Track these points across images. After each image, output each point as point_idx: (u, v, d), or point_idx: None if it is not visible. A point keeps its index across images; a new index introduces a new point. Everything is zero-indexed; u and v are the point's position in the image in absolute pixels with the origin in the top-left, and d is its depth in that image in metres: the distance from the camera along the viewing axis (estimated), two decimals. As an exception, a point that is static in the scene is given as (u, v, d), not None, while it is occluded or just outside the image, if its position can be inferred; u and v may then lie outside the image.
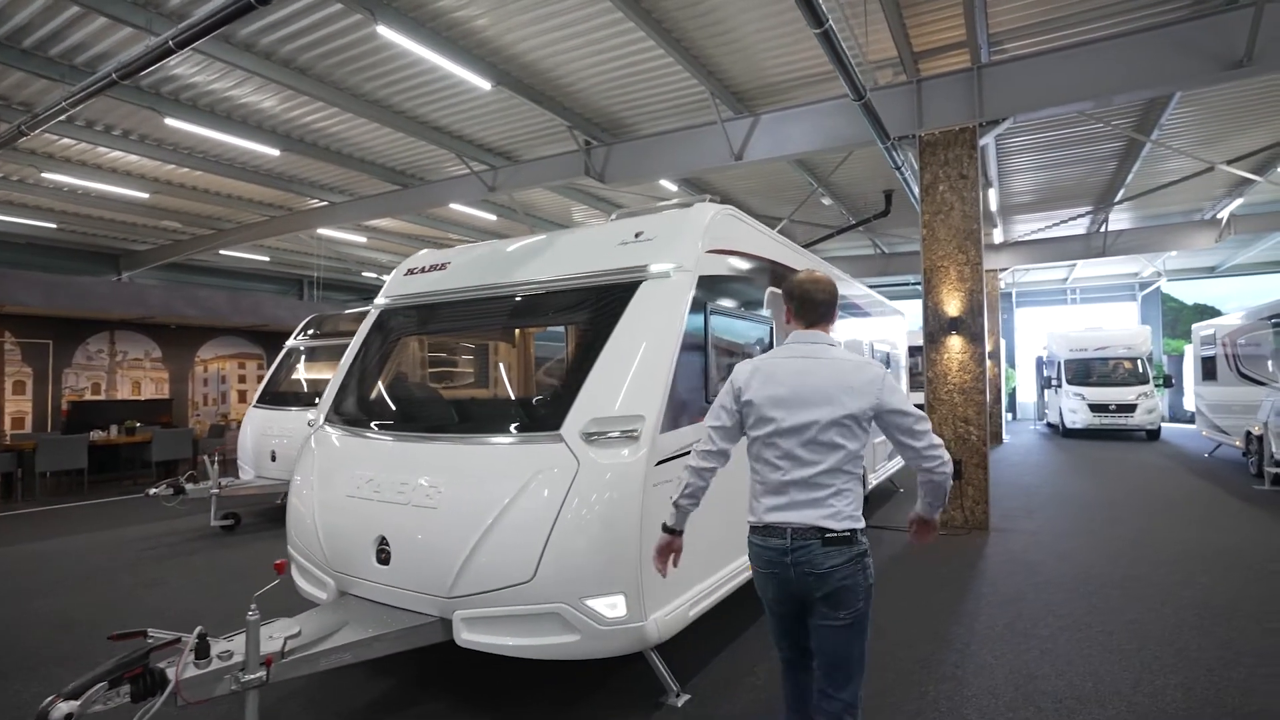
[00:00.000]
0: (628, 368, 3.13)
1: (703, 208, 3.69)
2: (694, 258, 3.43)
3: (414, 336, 4.05)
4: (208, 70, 7.61)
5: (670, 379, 3.12)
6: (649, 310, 3.29)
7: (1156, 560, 5.49)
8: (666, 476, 3.08)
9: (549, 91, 8.18)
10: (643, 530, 2.87)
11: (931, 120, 7.04)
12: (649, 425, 2.96)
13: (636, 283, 3.40)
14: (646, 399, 3.03)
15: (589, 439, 2.96)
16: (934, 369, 7.02)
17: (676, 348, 3.20)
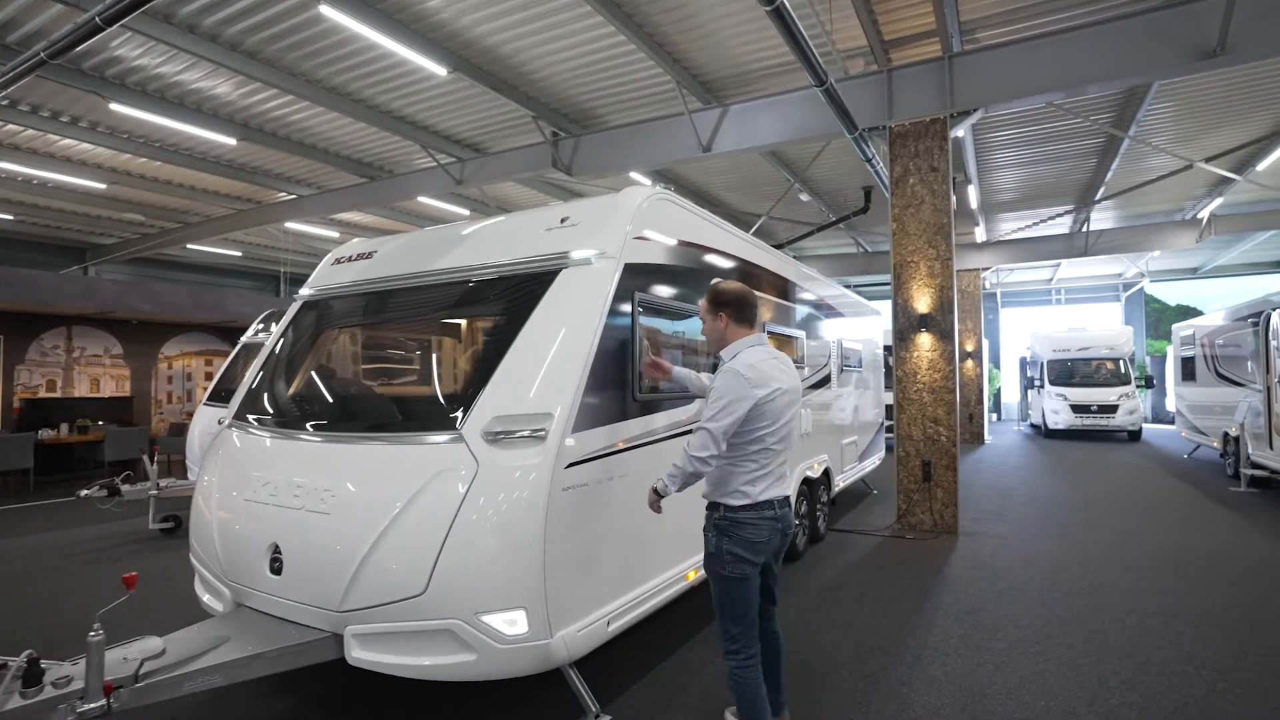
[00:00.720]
0: (539, 362, 2.87)
1: (634, 191, 3.44)
2: (619, 244, 3.17)
3: (331, 330, 3.78)
4: (152, 53, 7.29)
5: (585, 375, 2.86)
6: (567, 300, 3.03)
7: (1126, 566, 5.29)
8: (581, 480, 2.83)
9: (511, 80, 7.91)
10: (548, 539, 2.61)
11: (902, 111, 6.82)
12: (558, 424, 2.71)
13: (556, 270, 3.15)
14: (556, 396, 2.77)
15: (491, 439, 2.70)
16: (903, 368, 6.81)
17: (595, 341, 2.94)
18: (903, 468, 6.74)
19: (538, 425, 2.70)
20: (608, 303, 3.05)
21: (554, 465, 2.66)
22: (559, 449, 2.69)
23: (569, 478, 2.75)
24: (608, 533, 3.02)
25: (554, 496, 2.66)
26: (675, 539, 3.58)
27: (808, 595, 4.66)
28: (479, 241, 3.63)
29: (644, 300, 3.34)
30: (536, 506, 2.60)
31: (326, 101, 8.27)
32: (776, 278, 5.30)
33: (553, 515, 2.65)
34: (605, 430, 3.01)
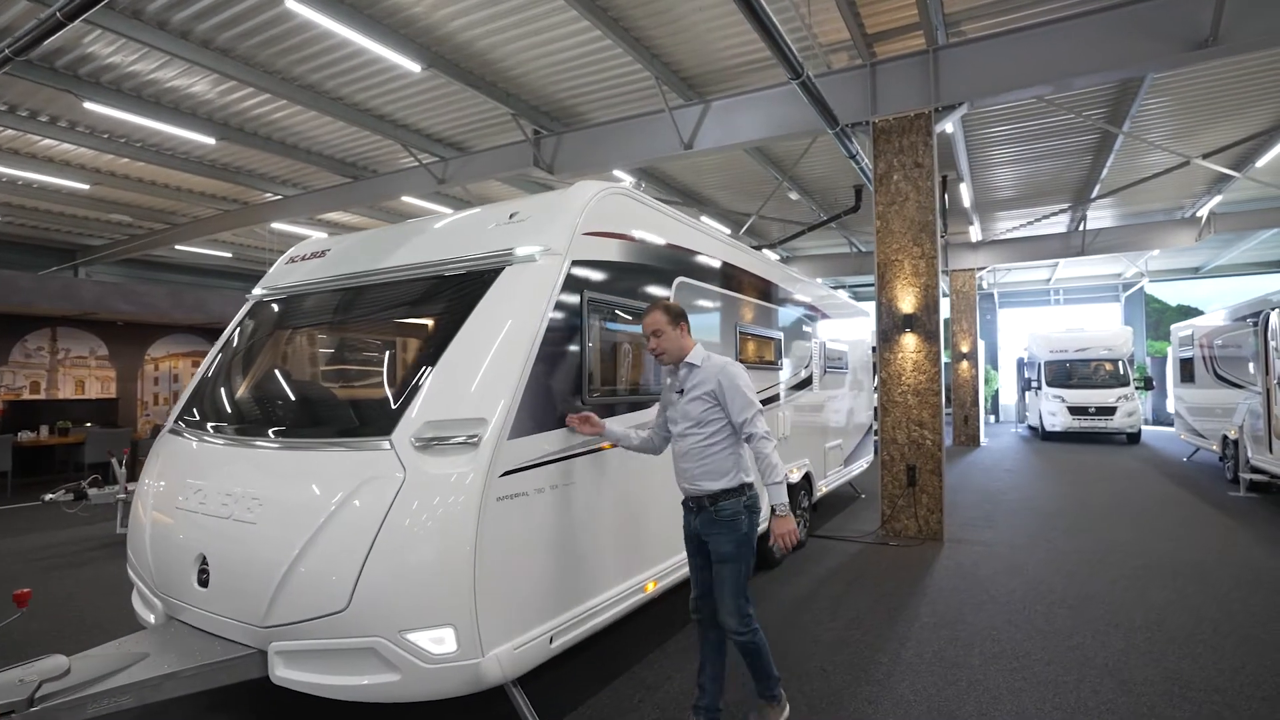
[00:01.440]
0: (476, 365, 2.72)
1: (584, 185, 3.28)
2: (566, 240, 3.02)
3: (276, 331, 3.63)
4: (124, 50, 7.17)
5: (524, 377, 2.71)
6: (508, 299, 2.88)
7: (1115, 575, 5.11)
8: (520, 488, 2.68)
9: (490, 77, 7.77)
10: (479, 552, 2.45)
11: (886, 106, 6.66)
12: (492, 430, 2.55)
13: (500, 268, 3.00)
14: (492, 400, 2.61)
15: (421, 445, 2.55)
16: (887, 369, 6.64)
17: (537, 342, 2.79)
18: (887, 472, 6.57)
19: (470, 431, 2.55)
20: (552, 302, 2.90)
21: (487, 473, 2.51)
22: (493, 456, 2.54)
23: (505, 486, 2.60)
24: (552, 544, 2.87)
25: (487, 506, 2.51)
26: (632, 550, 3.43)
27: (779, 605, 4.50)
28: (428, 239, 3.48)
29: (596, 299, 3.19)
30: (466, 517, 2.44)
31: (304, 100, 8.14)
32: (751, 276, 5.14)
33: (486, 526, 2.49)
34: (550, 436, 2.85)
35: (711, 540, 2.75)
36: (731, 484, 2.75)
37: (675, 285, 3.91)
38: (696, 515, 2.81)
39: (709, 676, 2.83)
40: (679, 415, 2.83)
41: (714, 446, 2.75)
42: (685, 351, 2.84)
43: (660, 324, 2.81)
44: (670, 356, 2.85)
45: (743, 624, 2.70)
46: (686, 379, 2.82)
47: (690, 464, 2.79)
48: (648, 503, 3.60)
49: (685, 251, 4.06)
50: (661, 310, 2.84)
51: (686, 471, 2.82)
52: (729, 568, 2.71)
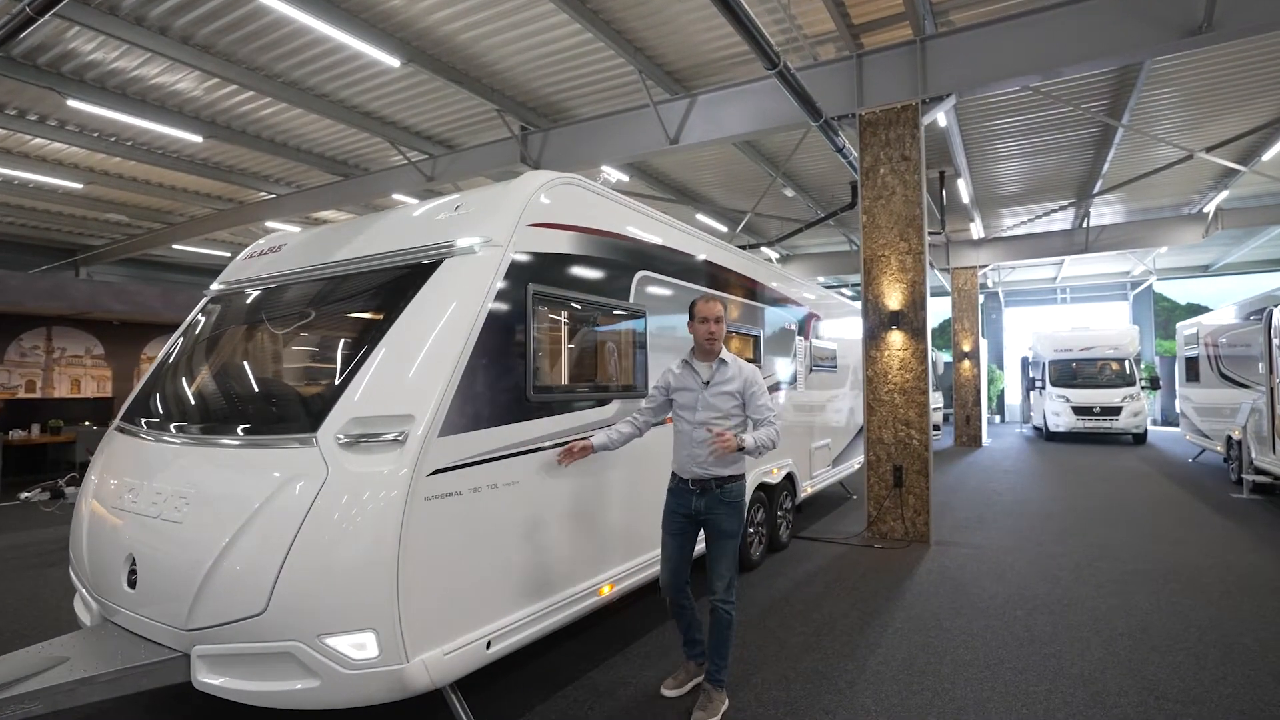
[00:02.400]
0: (408, 360, 2.62)
1: (532, 175, 3.18)
2: (508, 231, 2.92)
3: (225, 327, 3.55)
4: (105, 47, 7.14)
5: (458, 373, 2.60)
6: (445, 292, 2.78)
7: (1102, 580, 4.94)
8: (452, 488, 2.57)
9: (473, 72, 7.69)
10: (404, 554, 2.35)
11: (872, 98, 6.52)
12: (420, 427, 2.45)
13: (439, 261, 2.89)
14: (421, 396, 2.51)
15: (346, 443, 2.45)
16: (873, 367, 6.49)
17: (473, 336, 2.68)
18: (873, 473, 6.42)
19: (397, 429, 2.45)
20: (491, 295, 2.80)
21: (413, 472, 2.41)
22: (420, 454, 2.44)
23: (435, 485, 2.49)
24: (491, 545, 2.76)
25: (414, 507, 2.41)
26: (587, 551, 3.32)
27: (750, 609, 4.37)
28: (377, 232, 3.39)
29: (543, 293, 3.08)
30: (389, 518, 2.34)
31: (288, 97, 8.09)
32: (727, 273, 5.02)
33: (411, 527, 2.39)
34: (487, 434, 2.75)
35: (716, 518, 3.03)
36: (738, 471, 3.09)
37: (637, 280, 3.80)
38: (701, 496, 3.03)
39: (697, 629, 3.19)
40: (701, 405, 3.06)
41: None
42: (720, 350, 3.13)
43: (723, 313, 3.11)
44: (719, 347, 3.12)
45: (728, 594, 3.00)
46: (716, 373, 3.09)
47: (705, 452, 2.98)
48: (607, 502, 3.50)
49: (648, 245, 3.95)
50: (720, 304, 3.13)
51: (701, 457, 3.01)
52: (730, 543, 3.04)
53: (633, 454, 3.67)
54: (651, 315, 3.93)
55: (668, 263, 4.17)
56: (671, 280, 4.21)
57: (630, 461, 3.66)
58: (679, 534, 3.10)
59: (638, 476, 3.71)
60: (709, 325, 3.07)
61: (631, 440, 3.29)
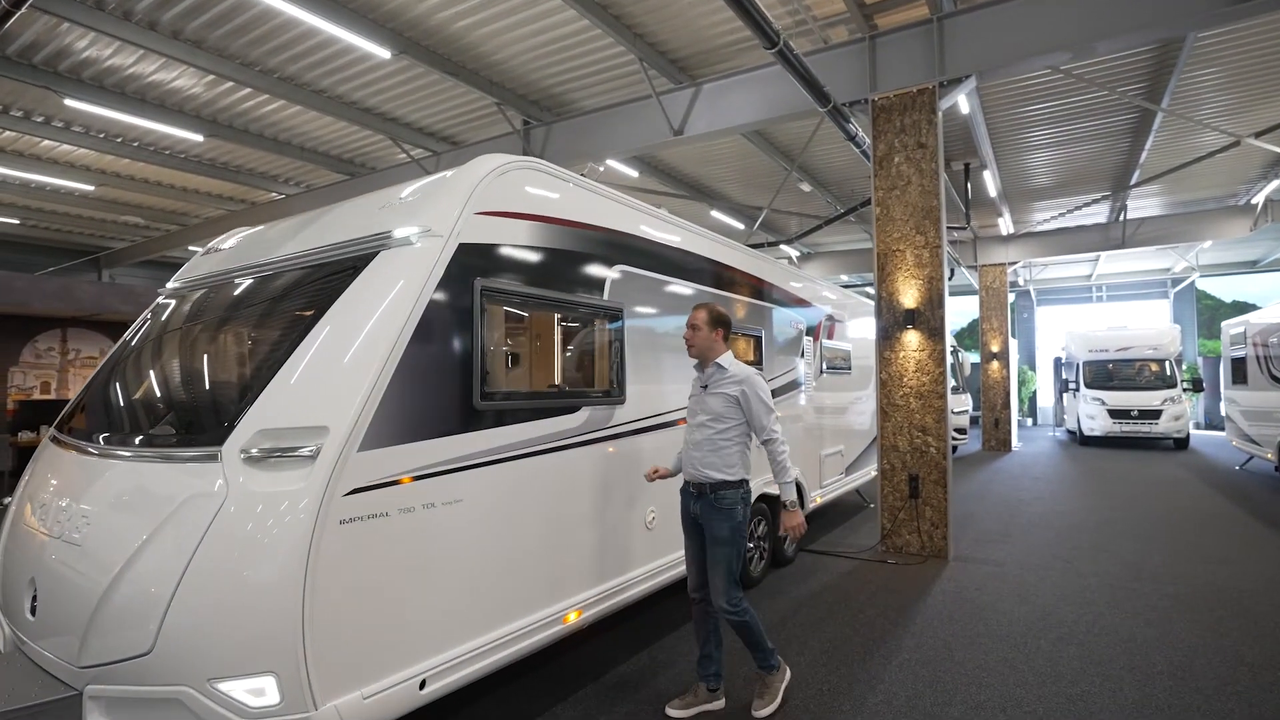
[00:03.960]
0: (328, 364, 2.33)
1: (484, 158, 2.87)
2: (451, 221, 2.61)
3: (164, 328, 3.30)
4: (98, 45, 7.06)
5: (386, 378, 2.31)
6: (376, 287, 2.48)
7: (1139, 606, 4.46)
8: (377, 508, 2.27)
9: (469, 64, 7.43)
10: (312, 585, 2.06)
11: (886, 82, 6.09)
12: (335, 440, 2.16)
13: (374, 253, 2.60)
14: (337, 405, 2.22)
15: (251, 458, 2.16)
16: (888, 370, 6.06)
17: (404, 337, 2.38)
18: (887, 482, 6.00)
19: (309, 442, 2.16)
20: (429, 290, 2.49)
21: (325, 492, 2.11)
22: (335, 471, 2.14)
23: (353, 507, 2.20)
24: (427, 572, 2.46)
25: (325, 531, 2.11)
26: (549, 576, 3.00)
27: (731, 634, 3.99)
28: (324, 225, 3.12)
29: (495, 289, 2.77)
30: (293, 544, 2.05)
31: (287, 94, 7.93)
32: (722, 268, 4.66)
33: (322, 555, 2.10)
34: (423, 447, 2.44)
35: (709, 525, 3.01)
36: (732, 477, 3.01)
37: (613, 275, 3.47)
38: (697, 500, 3.05)
39: (714, 645, 3.12)
40: (699, 407, 3.10)
41: (724, 441, 3.01)
42: (715, 354, 3.10)
43: (699, 321, 3.09)
44: (697, 352, 3.12)
45: (731, 603, 2.96)
46: (712, 376, 3.09)
47: (700, 453, 3.03)
48: (575, 521, 3.17)
49: (627, 237, 3.61)
50: (706, 310, 3.11)
51: (695, 459, 3.05)
52: (722, 551, 2.97)
53: (600, 469, 3.34)
54: (631, 314, 3.60)
55: (651, 257, 3.84)
56: (656, 276, 3.87)
57: (598, 476, 3.33)
58: (692, 535, 3.14)
59: (608, 492, 3.39)
60: (685, 332, 3.12)
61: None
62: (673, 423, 3.93)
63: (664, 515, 3.81)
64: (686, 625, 4.12)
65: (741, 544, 3.02)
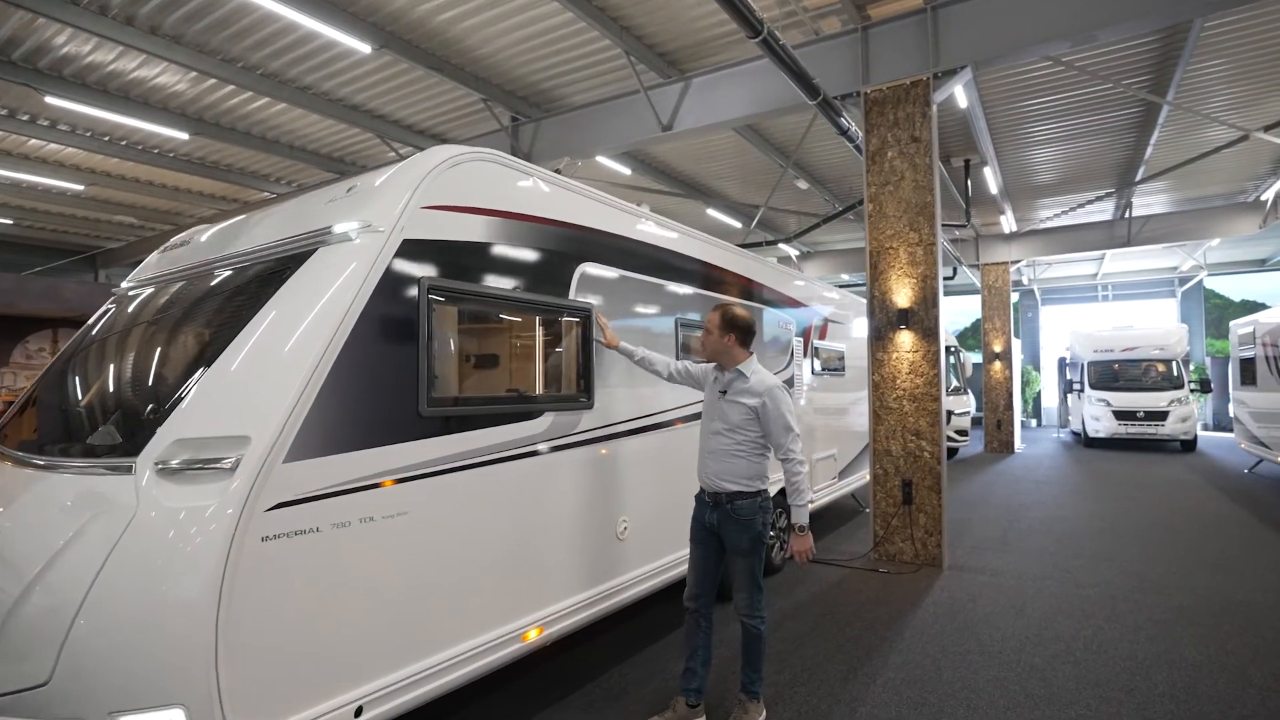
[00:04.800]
0: (253, 368, 2.17)
1: (434, 150, 2.70)
2: (394, 215, 2.44)
3: (107, 331, 3.14)
4: (77, 41, 6.93)
5: (317, 383, 2.14)
6: (309, 287, 2.32)
7: (1140, 619, 4.26)
8: (304, 524, 2.11)
9: (453, 59, 7.28)
10: (228, 608, 1.90)
11: (878, 74, 5.90)
12: (256, 451, 1.99)
13: (312, 251, 2.44)
14: (261, 412, 2.05)
15: (167, 470, 2.00)
16: (880, 371, 5.86)
17: (338, 339, 2.22)
18: (880, 488, 5.81)
19: (227, 452, 2.00)
20: (368, 289, 2.33)
21: (244, 507, 1.95)
22: (255, 484, 1.98)
23: (277, 523, 2.03)
24: (364, 591, 2.29)
25: (244, 550, 1.95)
26: (506, 592, 2.83)
27: (724, 646, 3.82)
28: (271, 221, 2.96)
29: (444, 287, 2.60)
30: (205, 564, 1.89)
31: (271, 91, 7.79)
32: (701, 265, 4.48)
33: (240, 575, 1.93)
34: (361, 457, 2.28)
35: (728, 535, 2.92)
36: (749, 489, 2.92)
37: (579, 274, 3.30)
38: (714, 510, 2.95)
39: (700, 661, 2.99)
40: (715, 413, 2.99)
41: (740, 453, 2.91)
42: (735, 360, 2.99)
43: (709, 324, 3.00)
44: (708, 356, 3.07)
45: (753, 609, 2.91)
46: (731, 383, 2.97)
47: (715, 463, 2.94)
48: (536, 534, 3.01)
49: (593, 233, 3.44)
50: (719, 313, 3.00)
51: (710, 468, 2.96)
52: (744, 561, 2.92)
53: (566, 477, 3.18)
54: (600, 312, 3.42)
55: (624, 254, 3.66)
56: (629, 274, 3.70)
57: (563, 485, 3.17)
58: (701, 543, 3.03)
59: (574, 502, 3.22)
60: (702, 335, 3.05)
61: (654, 370, 3.35)
62: (649, 428, 3.76)
63: (637, 525, 3.64)
64: (669, 636, 3.96)
65: (762, 551, 2.96)
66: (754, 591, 2.90)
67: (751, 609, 2.91)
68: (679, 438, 3.99)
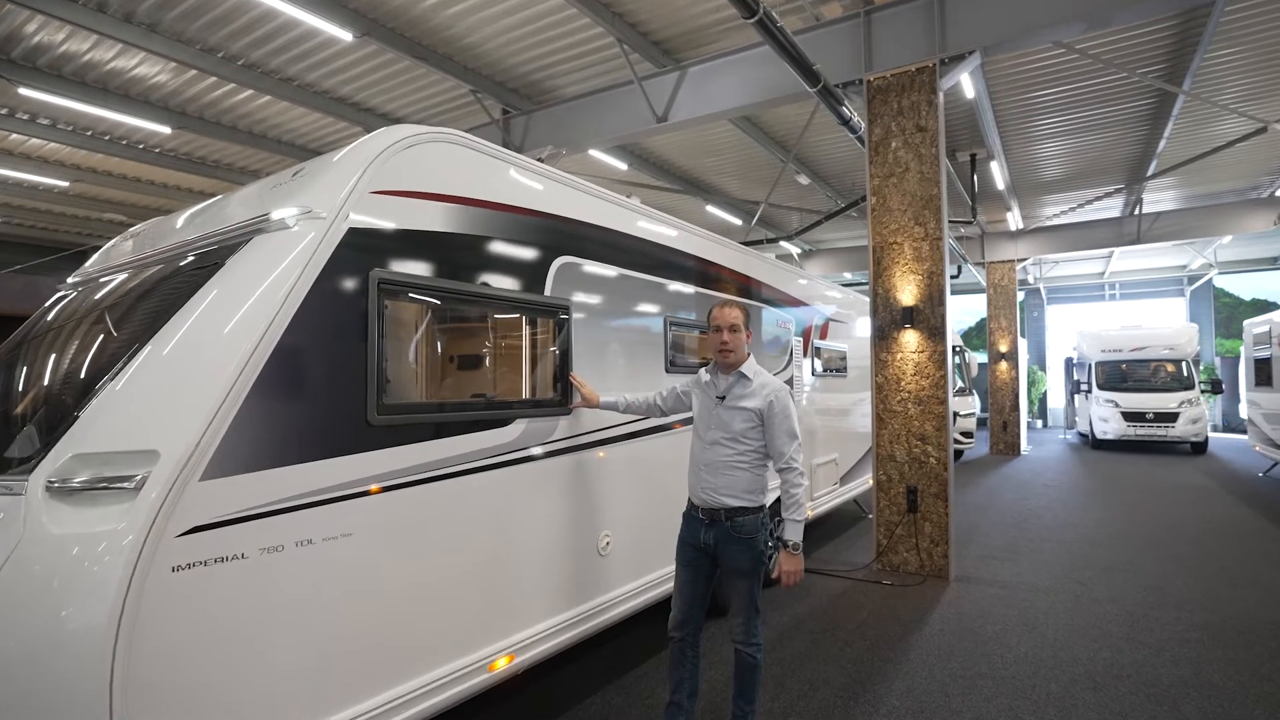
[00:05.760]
0: (171, 373, 1.91)
1: (388, 130, 2.43)
2: (338, 200, 2.18)
3: (38, 333, 2.88)
4: (49, 29, 6.69)
5: (241, 390, 1.88)
6: (238, 280, 2.06)
7: (1162, 639, 3.98)
8: (226, 550, 1.85)
9: (440, 48, 7.02)
10: (127, 650, 1.64)
11: (883, 60, 5.63)
12: (167, 467, 1.73)
13: (246, 240, 2.18)
14: (172, 423, 1.79)
15: (62, 490, 1.74)
16: (883, 373, 5.59)
17: (270, 339, 1.96)
18: (883, 495, 5.53)
19: (134, 469, 1.73)
20: (307, 282, 2.07)
21: (148, 533, 1.69)
22: (164, 506, 1.72)
23: (190, 549, 1.77)
24: (301, 623, 2.03)
25: (150, 580, 1.69)
26: (469, 617, 2.57)
27: (713, 671, 3.56)
28: (215, 210, 2.70)
29: (395, 281, 2.34)
30: (101, 599, 1.63)
31: (253, 82, 7.53)
32: (694, 261, 4.21)
33: (144, 611, 1.67)
34: (295, 472, 2.02)
35: (727, 554, 2.68)
36: (751, 503, 2.68)
37: (556, 268, 3.03)
38: (710, 528, 2.69)
39: (686, 693, 2.77)
40: (713, 421, 2.73)
41: (741, 465, 2.66)
42: (742, 361, 2.75)
43: (739, 321, 2.72)
44: (735, 359, 2.73)
45: (749, 635, 2.67)
46: (732, 387, 2.72)
47: (713, 477, 2.69)
48: (506, 552, 2.75)
49: (572, 224, 3.17)
50: (741, 309, 2.76)
51: (707, 482, 2.70)
52: (744, 581, 2.67)
53: (540, 489, 2.91)
54: (580, 311, 3.16)
55: (607, 247, 3.40)
56: (613, 270, 3.43)
57: (538, 498, 2.91)
58: (689, 565, 2.77)
59: (550, 516, 2.95)
60: (721, 335, 2.73)
61: (649, 414, 3.12)
62: (633, 434, 3.49)
63: (620, 540, 3.37)
64: (655, 658, 3.69)
65: (763, 571, 2.72)
66: (751, 616, 2.67)
67: (748, 635, 2.67)
68: (668, 442, 3.72)
